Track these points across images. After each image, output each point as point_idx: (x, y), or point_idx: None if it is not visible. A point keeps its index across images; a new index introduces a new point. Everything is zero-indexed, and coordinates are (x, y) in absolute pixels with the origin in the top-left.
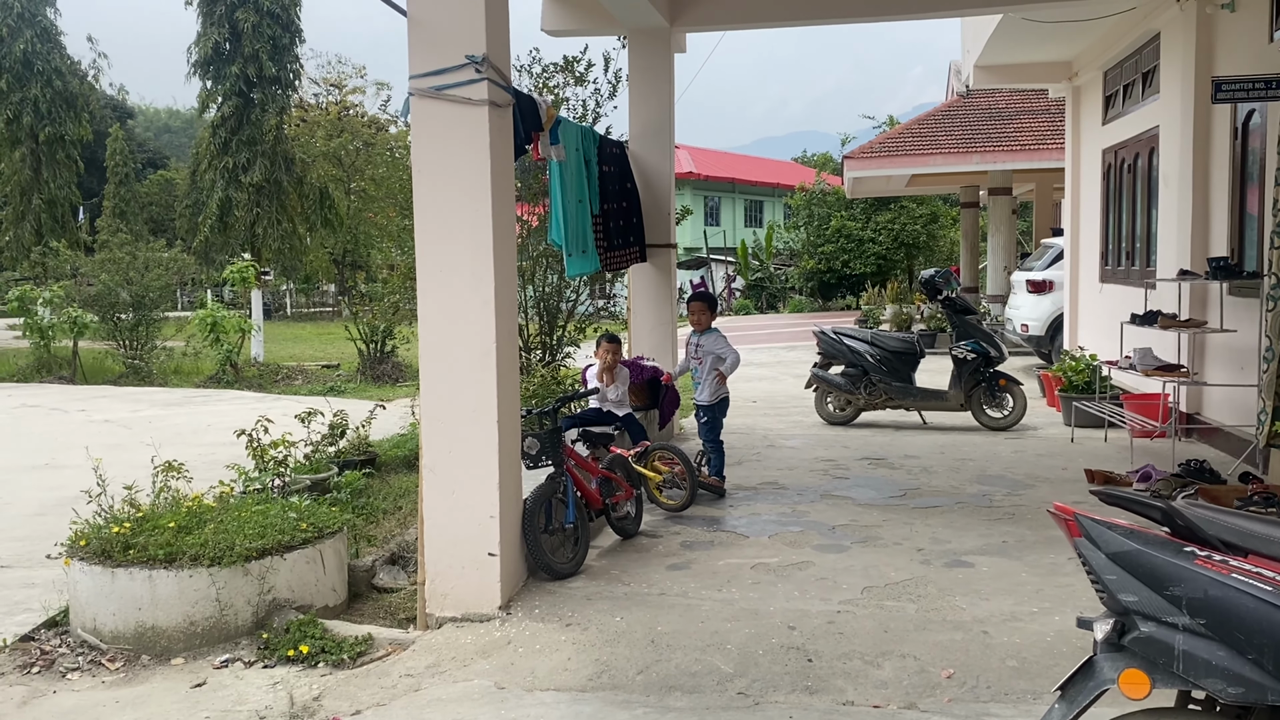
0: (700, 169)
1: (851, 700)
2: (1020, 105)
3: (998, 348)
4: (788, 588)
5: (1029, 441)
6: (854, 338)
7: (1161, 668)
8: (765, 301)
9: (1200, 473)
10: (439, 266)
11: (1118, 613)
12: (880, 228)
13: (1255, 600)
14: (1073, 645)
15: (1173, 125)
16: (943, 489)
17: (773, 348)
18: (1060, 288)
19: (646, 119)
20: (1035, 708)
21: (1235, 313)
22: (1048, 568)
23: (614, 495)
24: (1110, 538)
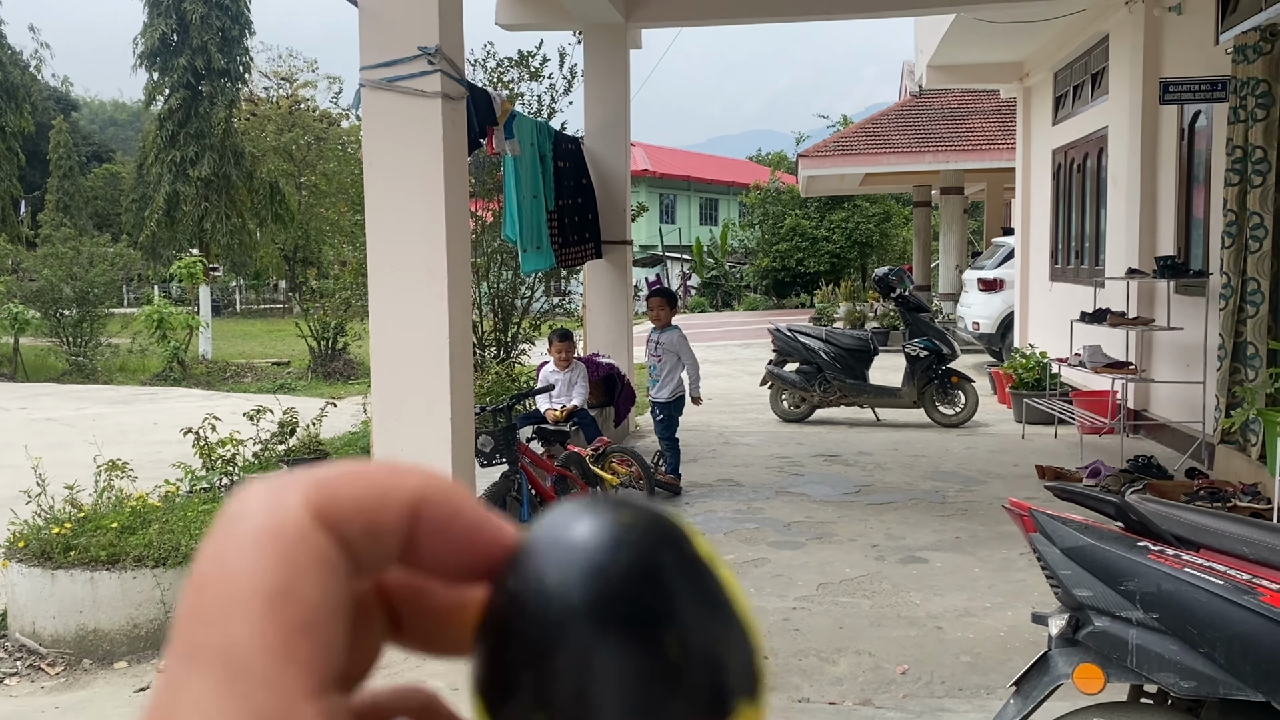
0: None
1: (808, 697)
2: (972, 105)
3: (950, 345)
4: (743, 585)
5: (981, 438)
6: (809, 335)
7: (1115, 662)
8: (720, 299)
9: (1148, 468)
10: (392, 262)
11: (1072, 608)
12: (834, 226)
13: (1207, 595)
14: (1025, 640)
15: (1121, 126)
16: (897, 485)
17: (728, 345)
18: (1011, 286)
19: (602, 115)
20: (989, 703)
21: (1182, 311)
22: (1000, 563)
23: (569, 493)
24: (1065, 533)
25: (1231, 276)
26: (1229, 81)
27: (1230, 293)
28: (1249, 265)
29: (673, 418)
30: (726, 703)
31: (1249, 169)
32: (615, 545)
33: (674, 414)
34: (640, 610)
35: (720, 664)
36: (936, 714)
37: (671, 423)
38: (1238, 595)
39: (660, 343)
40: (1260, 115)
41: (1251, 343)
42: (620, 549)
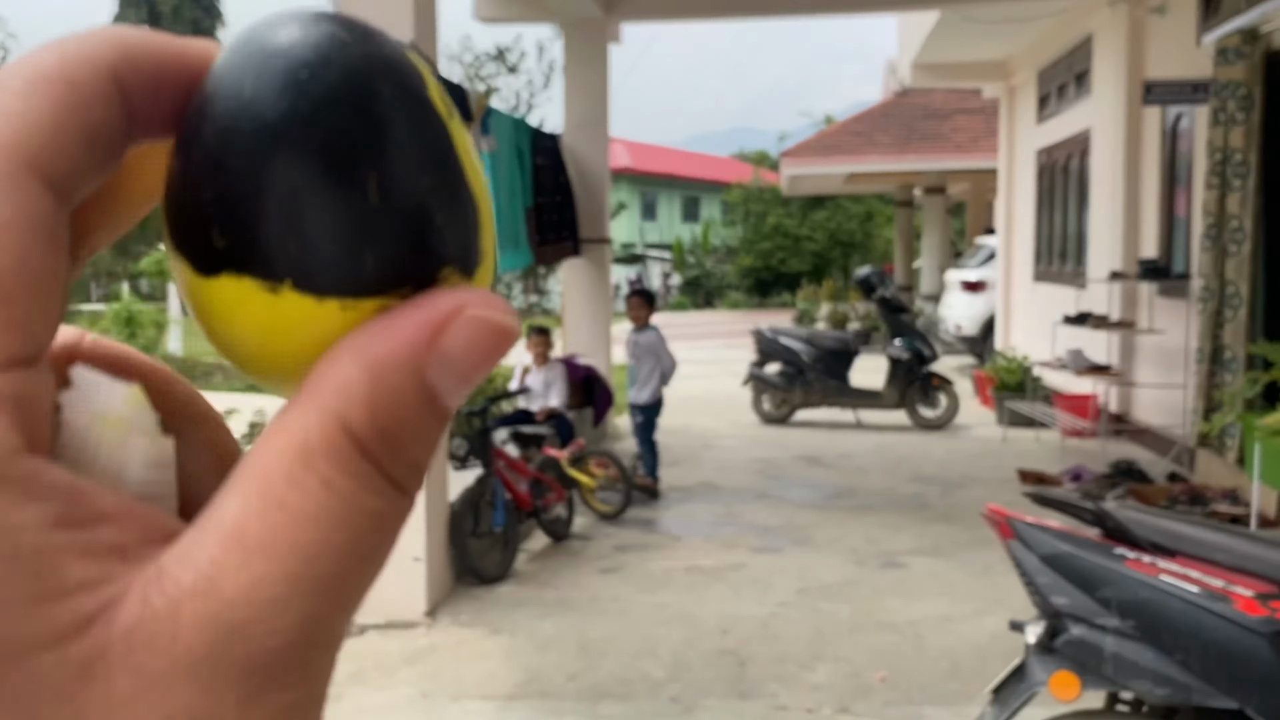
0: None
1: (785, 705)
2: (955, 105)
3: (931, 347)
4: (722, 590)
5: (962, 441)
6: (791, 336)
7: (1091, 669)
8: (702, 298)
9: (1129, 473)
10: None
11: (1049, 615)
12: (817, 226)
13: (1182, 603)
14: (1005, 647)
15: (1105, 127)
16: (877, 489)
17: (710, 345)
18: (993, 288)
19: (582, 111)
20: (968, 710)
21: (1164, 314)
22: (980, 568)
23: (545, 497)
24: (1043, 540)
25: (1210, 280)
26: (1210, 84)
27: (1209, 296)
28: (1228, 269)
29: (651, 420)
30: (429, 266)
31: (1229, 172)
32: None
33: (653, 416)
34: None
35: (428, 221)
36: None
37: (650, 425)
38: (1212, 603)
39: (639, 343)
40: (1241, 118)
41: (1229, 347)
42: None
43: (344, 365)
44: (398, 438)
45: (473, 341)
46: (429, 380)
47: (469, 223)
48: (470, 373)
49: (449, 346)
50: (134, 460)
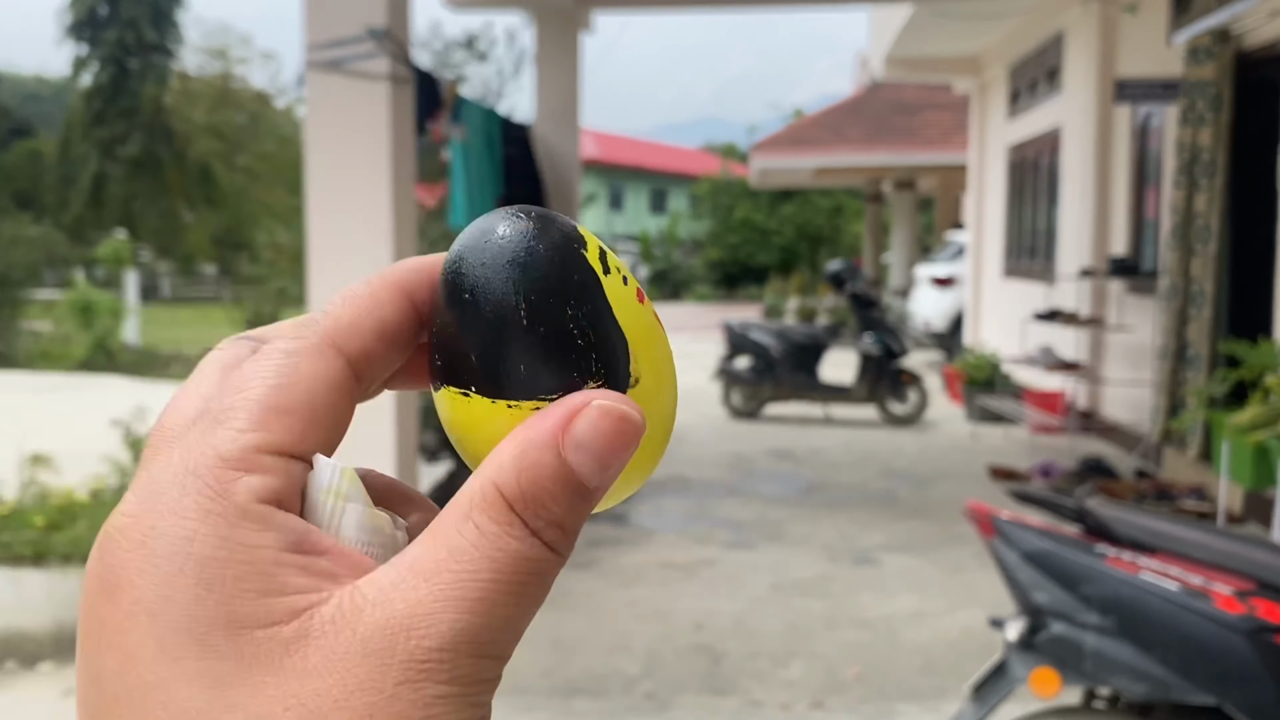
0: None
1: (760, 700)
2: (926, 100)
3: (901, 342)
4: (695, 586)
5: (932, 436)
6: (760, 330)
7: (1071, 666)
8: (670, 291)
9: (1098, 469)
10: (332, 250)
11: (1030, 612)
12: (785, 219)
13: (1162, 600)
14: (978, 642)
15: (1076, 124)
16: (849, 484)
17: (678, 339)
18: (963, 283)
19: (552, 100)
20: (942, 705)
21: (1133, 311)
22: (952, 564)
23: None
24: (1024, 537)
25: (1176, 278)
26: (1180, 83)
27: (1175, 294)
28: (1194, 267)
29: None
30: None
31: (1197, 171)
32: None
33: None
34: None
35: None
36: (889, 717)
37: None
38: (1192, 600)
39: None
40: (1210, 118)
41: (1193, 344)
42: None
43: (502, 446)
44: (538, 499)
45: (597, 426)
46: (565, 456)
47: (614, 350)
48: (600, 453)
49: (578, 429)
50: (350, 522)
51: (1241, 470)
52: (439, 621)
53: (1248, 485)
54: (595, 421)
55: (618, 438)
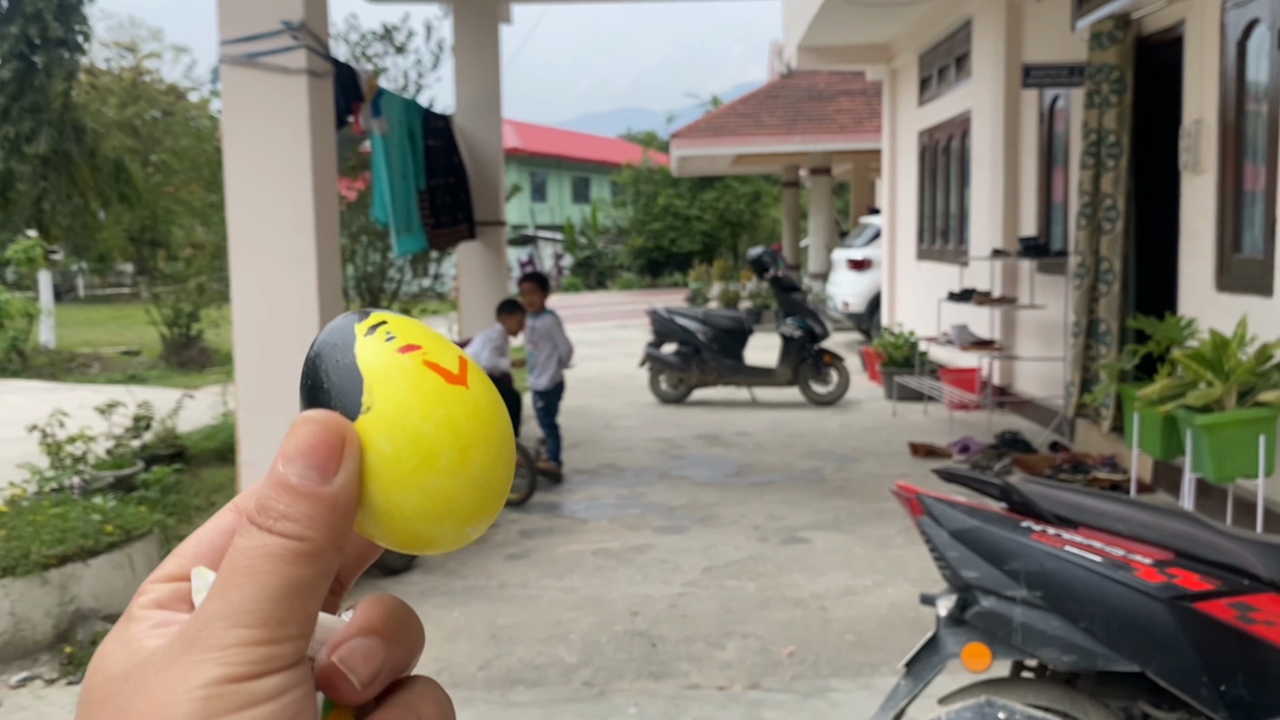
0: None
1: (696, 683)
2: (839, 87)
3: (823, 325)
4: (629, 572)
5: (854, 415)
6: (686, 316)
7: (1001, 639)
8: (595, 279)
9: (1014, 443)
10: (255, 246)
11: (960, 588)
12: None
13: (1086, 572)
14: (906, 617)
15: (985, 109)
16: (776, 465)
17: (604, 326)
18: (879, 266)
19: (473, 92)
20: (874, 680)
21: (1043, 290)
22: (879, 541)
23: None
24: (952, 515)
25: (1086, 256)
26: (1085, 67)
27: (1084, 272)
28: (1102, 245)
29: (552, 404)
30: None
31: (1103, 152)
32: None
33: (554, 400)
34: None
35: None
36: (823, 694)
37: (552, 409)
38: (1114, 571)
39: (535, 328)
40: (1114, 100)
41: (1103, 320)
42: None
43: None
44: (265, 505)
45: (296, 435)
46: (278, 469)
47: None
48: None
49: (285, 443)
50: None
51: (1151, 441)
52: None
53: (1157, 455)
54: (294, 432)
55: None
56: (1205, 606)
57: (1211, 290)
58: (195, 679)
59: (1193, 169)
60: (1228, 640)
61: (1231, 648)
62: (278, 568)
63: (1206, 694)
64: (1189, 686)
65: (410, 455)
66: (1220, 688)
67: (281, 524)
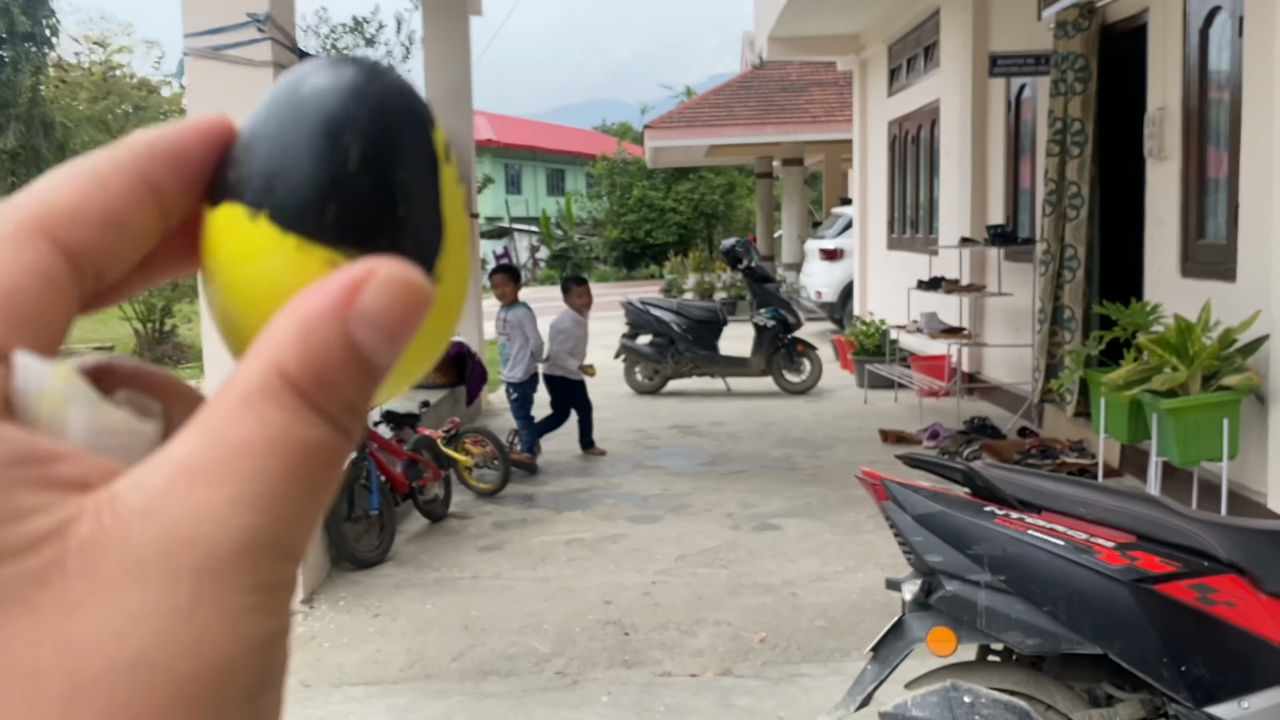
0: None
1: (669, 671)
2: (810, 78)
3: (795, 315)
4: (603, 562)
5: (826, 404)
6: (661, 307)
7: (966, 624)
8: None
9: (983, 429)
10: None
11: (924, 573)
12: (681, 197)
13: (1049, 555)
14: (876, 602)
15: (953, 98)
16: (748, 454)
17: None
18: (850, 255)
19: (443, 83)
20: (844, 665)
21: (1011, 277)
22: (849, 527)
23: (421, 478)
24: (916, 500)
25: (1051, 244)
26: (1051, 56)
27: (1050, 259)
28: (1067, 233)
29: (527, 396)
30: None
31: (1068, 140)
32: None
33: (528, 392)
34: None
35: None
36: (794, 679)
37: (526, 401)
38: (1077, 555)
39: (507, 320)
40: (1079, 89)
41: (1068, 306)
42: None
43: (280, 321)
44: (327, 379)
45: (383, 298)
46: (351, 332)
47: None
48: (389, 327)
49: (365, 302)
50: (76, 427)
51: (1117, 425)
52: (230, 526)
53: (1124, 439)
54: (382, 292)
55: (406, 309)
56: (1166, 588)
57: (1176, 276)
58: (251, 629)
59: (1157, 156)
60: (1188, 621)
61: (1191, 628)
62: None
63: (1168, 674)
64: (1150, 667)
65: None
66: (1181, 668)
67: (345, 416)
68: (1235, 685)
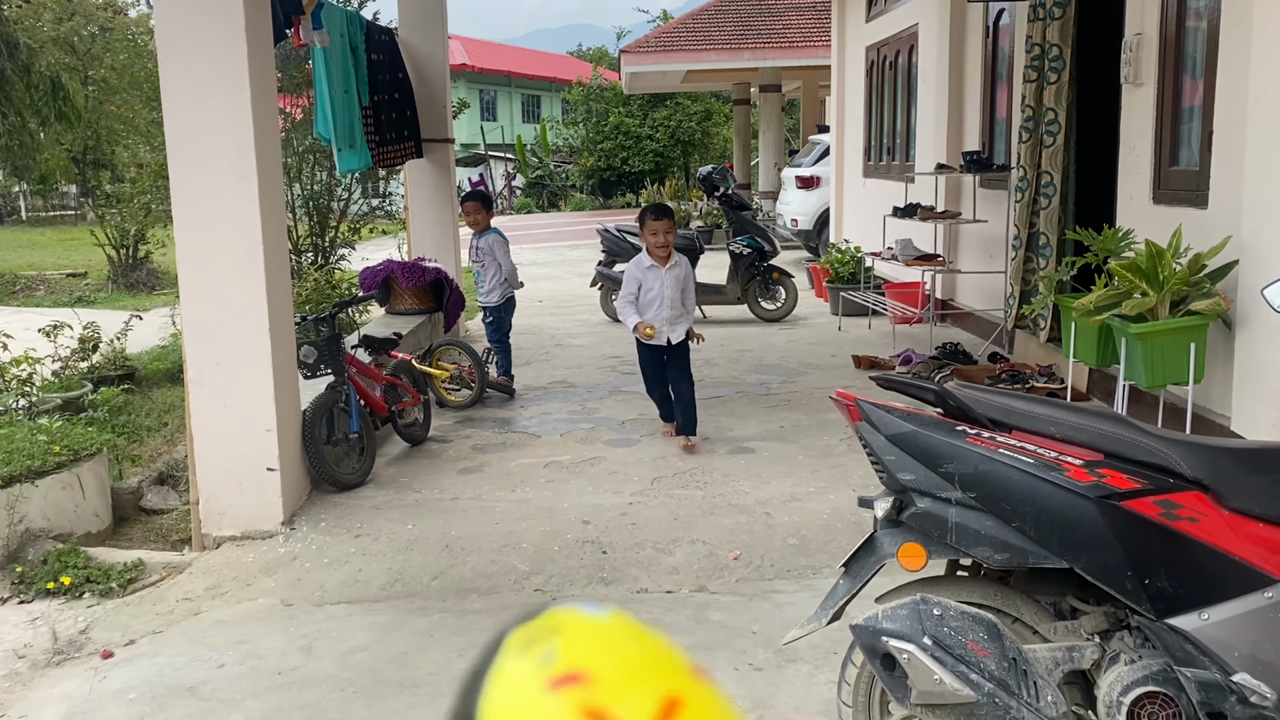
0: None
1: (645, 588)
2: (788, 2)
3: (771, 242)
4: (580, 484)
5: (801, 331)
6: (637, 235)
7: (936, 540)
8: (546, 200)
9: (955, 355)
10: (194, 162)
11: (896, 491)
12: (657, 125)
13: (1019, 473)
14: (848, 522)
15: (931, 23)
16: (724, 380)
17: (556, 246)
18: (827, 183)
19: (417, 6)
20: (816, 582)
21: (986, 204)
22: (822, 450)
23: (400, 402)
24: (889, 421)
25: (1027, 170)
26: None
27: (1026, 186)
28: (1043, 159)
29: (503, 319)
30: None
31: (1046, 66)
32: None
33: (504, 316)
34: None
35: None
36: (768, 595)
37: (502, 324)
38: (1046, 472)
39: (480, 247)
40: (1057, 14)
41: (1044, 233)
42: None
43: None
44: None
45: None
46: None
47: None
48: None
49: None
50: None
51: (1087, 350)
52: None
53: (1092, 364)
54: None
55: None
56: (1132, 504)
57: (1148, 203)
58: None
59: (1133, 82)
60: (1153, 536)
61: (1156, 543)
62: None
63: (1131, 587)
64: (1115, 580)
65: None
66: (1144, 581)
67: None
68: (1196, 597)
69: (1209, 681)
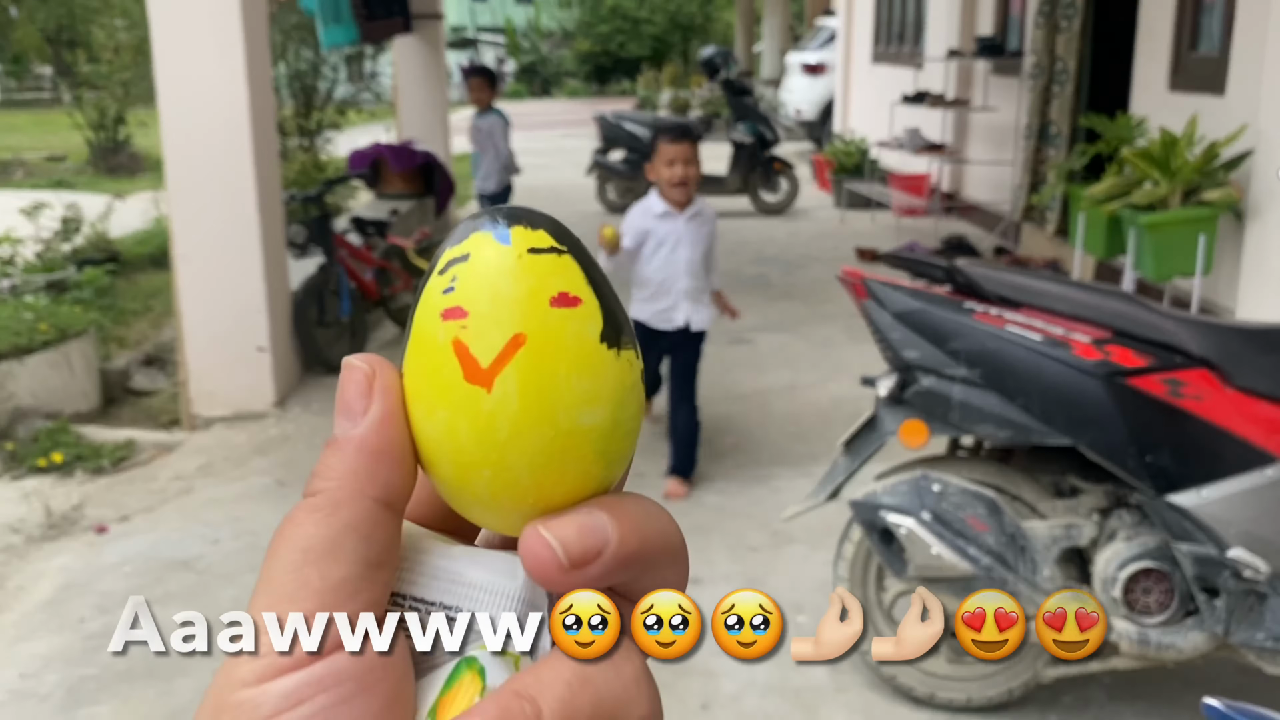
0: None
1: (644, 472)
2: None
3: (774, 131)
4: None
5: (802, 223)
6: (635, 121)
7: (939, 417)
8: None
9: (959, 247)
10: (177, 35)
11: (900, 369)
12: (656, 8)
13: (1026, 350)
14: (845, 411)
15: None
16: (723, 271)
17: (550, 135)
18: (833, 71)
19: None
20: (812, 469)
21: (997, 92)
22: (822, 340)
23: (391, 286)
24: (896, 297)
25: (1041, 56)
26: None
27: (1039, 73)
28: (1059, 45)
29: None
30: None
31: None
32: None
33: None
34: None
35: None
36: (764, 481)
37: None
38: (1052, 349)
39: (480, 128)
40: None
41: (1055, 122)
42: None
43: None
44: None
45: None
46: None
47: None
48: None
49: None
50: None
51: (1095, 241)
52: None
53: (1100, 255)
54: None
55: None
56: (1138, 382)
57: (1165, 90)
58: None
59: None
60: (1156, 414)
61: (1160, 421)
62: (289, 531)
63: (1133, 464)
64: (1117, 458)
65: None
66: (1146, 458)
67: (312, 483)
68: (1196, 475)
69: (1204, 556)
